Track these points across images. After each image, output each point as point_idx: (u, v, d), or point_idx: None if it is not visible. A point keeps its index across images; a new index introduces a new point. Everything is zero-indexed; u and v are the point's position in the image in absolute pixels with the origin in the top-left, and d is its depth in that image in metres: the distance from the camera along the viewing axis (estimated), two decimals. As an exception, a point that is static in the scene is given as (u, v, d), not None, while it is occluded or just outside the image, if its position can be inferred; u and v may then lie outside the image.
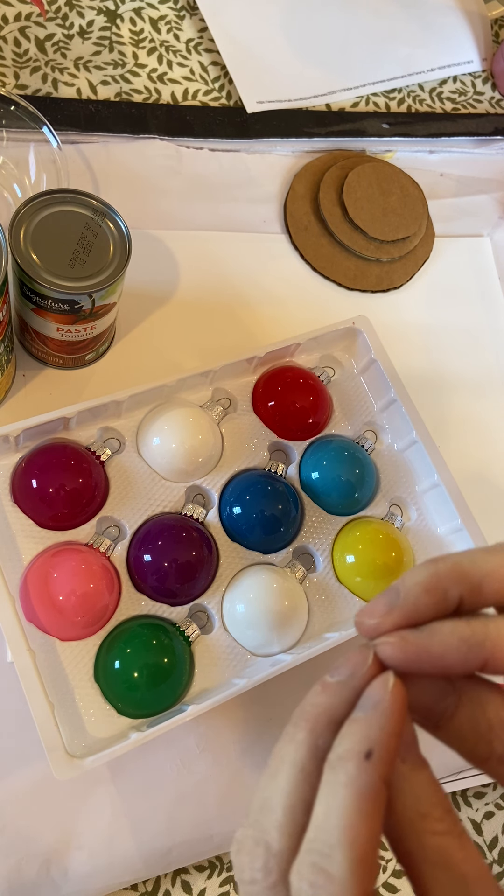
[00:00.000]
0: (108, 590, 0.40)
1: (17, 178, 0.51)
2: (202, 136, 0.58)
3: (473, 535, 0.44)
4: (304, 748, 0.19)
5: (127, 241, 0.41)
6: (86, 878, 0.40)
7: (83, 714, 0.38)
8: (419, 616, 0.21)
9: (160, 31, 0.61)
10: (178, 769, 0.42)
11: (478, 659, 0.20)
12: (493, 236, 0.62)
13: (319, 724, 0.20)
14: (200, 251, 0.55)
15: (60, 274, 0.39)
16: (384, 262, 0.57)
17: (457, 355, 0.57)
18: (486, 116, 0.66)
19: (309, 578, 0.44)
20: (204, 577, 0.42)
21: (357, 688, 0.20)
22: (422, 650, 0.20)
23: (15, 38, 0.58)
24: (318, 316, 0.54)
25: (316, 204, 0.57)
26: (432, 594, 0.21)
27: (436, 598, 0.21)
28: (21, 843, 0.39)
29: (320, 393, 0.48)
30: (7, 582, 0.38)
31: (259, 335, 0.53)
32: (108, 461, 0.44)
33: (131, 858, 0.40)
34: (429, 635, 0.20)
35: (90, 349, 0.47)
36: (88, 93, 0.57)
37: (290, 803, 0.19)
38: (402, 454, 0.48)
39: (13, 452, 0.42)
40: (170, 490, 0.44)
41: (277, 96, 0.61)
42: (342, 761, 0.18)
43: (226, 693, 0.38)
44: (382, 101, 0.64)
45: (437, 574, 0.21)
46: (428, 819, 0.19)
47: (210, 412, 0.46)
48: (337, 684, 0.20)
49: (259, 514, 0.43)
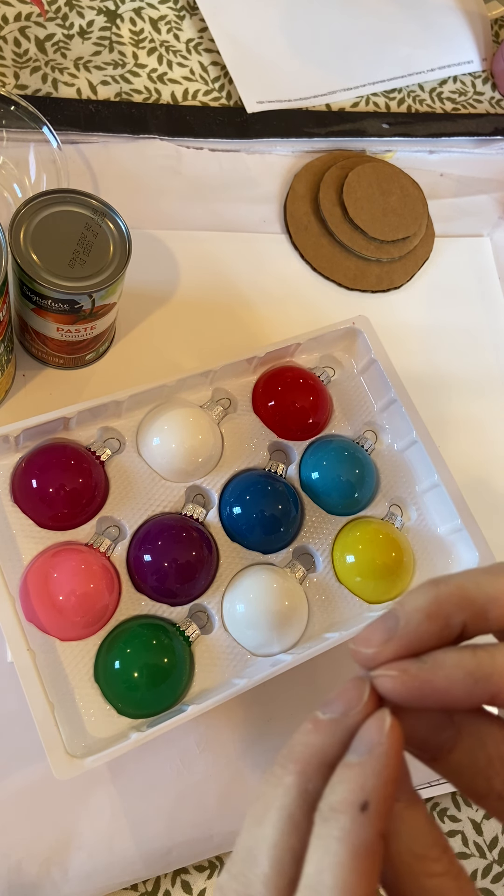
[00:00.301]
0: (108, 590, 0.40)
1: (17, 178, 0.51)
2: (202, 136, 0.58)
3: (473, 535, 0.44)
4: (294, 793, 0.18)
5: (127, 241, 0.41)
6: (86, 878, 0.40)
7: (83, 714, 0.38)
8: (421, 645, 0.19)
9: (160, 31, 0.61)
10: (178, 769, 0.42)
11: (485, 693, 0.18)
12: (493, 236, 0.62)
13: (310, 767, 0.18)
14: (200, 251, 0.55)
15: (60, 274, 0.39)
16: (384, 262, 0.57)
17: (457, 355, 0.57)
18: (486, 116, 0.66)
19: (309, 578, 0.44)
20: (204, 577, 0.42)
21: (352, 727, 0.18)
22: (425, 684, 0.18)
23: (15, 38, 0.58)
24: (318, 316, 0.54)
25: (316, 204, 0.57)
26: (434, 621, 0.19)
27: (438, 625, 0.19)
28: (21, 843, 0.39)
29: (320, 393, 0.48)
30: (7, 582, 0.38)
31: (259, 335, 0.53)
32: (108, 461, 0.44)
33: (131, 858, 0.40)
34: (432, 668, 0.19)
35: (90, 349, 0.47)
36: (88, 93, 0.57)
37: (277, 855, 0.17)
38: (402, 454, 0.48)
39: (13, 452, 0.42)
40: (170, 490, 0.44)
41: (277, 96, 0.61)
42: (335, 813, 0.17)
43: (226, 693, 0.38)
44: (382, 101, 0.64)
45: (440, 599, 0.19)
46: (425, 860, 0.18)
47: (210, 412, 0.46)
48: (329, 722, 0.19)
49: (259, 514, 0.43)
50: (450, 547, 0.46)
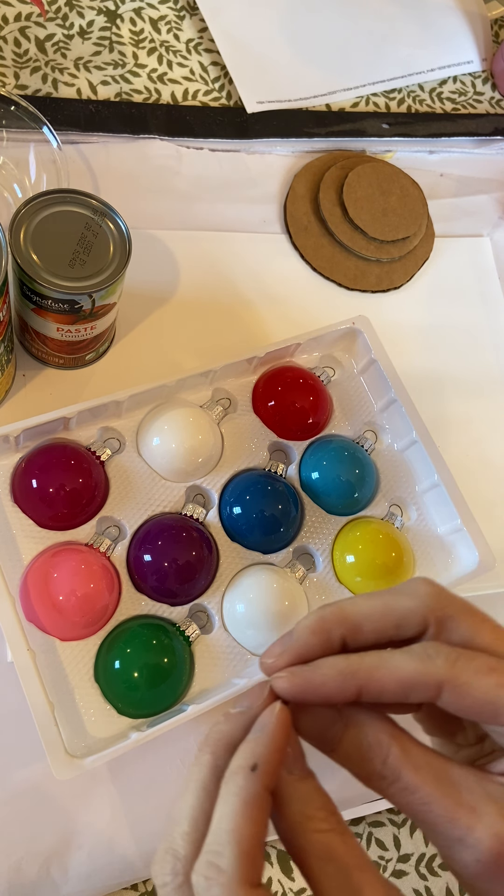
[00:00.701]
0: (108, 590, 0.40)
1: (17, 178, 0.51)
2: (202, 136, 0.58)
3: (473, 535, 0.44)
4: (207, 769, 0.22)
5: (127, 241, 0.41)
6: (86, 878, 0.40)
7: (83, 714, 0.38)
8: (308, 655, 0.24)
9: (160, 31, 0.61)
10: (178, 769, 0.42)
11: (353, 687, 0.23)
12: (493, 236, 0.62)
13: (220, 748, 0.23)
14: (200, 251, 0.55)
15: (60, 274, 0.39)
16: (384, 262, 0.57)
17: (457, 355, 0.57)
18: (486, 116, 0.66)
19: (309, 578, 0.44)
20: (204, 577, 0.42)
21: (253, 716, 0.23)
22: (306, 682, 0.23)
23: (15, 38, 0.58)
24: (318, 316, 0.54)
25: (316, 204, 0.57)
26: (318, 635, 0.24)
27: (321, 639, 0.24)
28: (21, 843, 0.39)
29: (320, 393, 0.48)
30: (7, 582, 0.38)
31: (259, 335, 0.53)
32: (108, 461, 0.44)
33: (131, 858, 0.40)
34: (312, 669, 0.23)
35: (90, 349, 0.47)
36: (88, 93, 0.57)
37: (193, 815, 0.22)
38: (402, 454, 0.48)
39: (13, 452, 0.42)
40: (170, 490, 0.44)
41: (277, 96, 0.61)
42: (233, 775, 0.22)
43: (226, 693, 0.38)
44: (382, 102, 0.64)
45: (323, 618, 0.24)
46: (313, 819, 0.22)
47: (210, 412, 0.46)
48: (237, 714, 0.24)
49: (259, 514, 0.43)
50: (450, 547, 0.46)
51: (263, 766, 0.21)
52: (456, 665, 0.23)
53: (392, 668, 0.23)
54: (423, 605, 0.24)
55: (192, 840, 0.21)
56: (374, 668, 0.23)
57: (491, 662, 0.23)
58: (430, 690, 0.23)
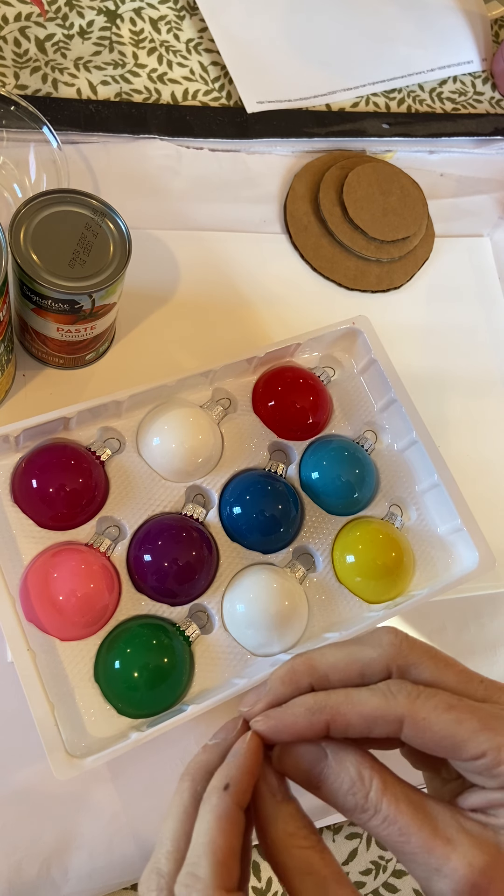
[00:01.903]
0: (108, 590, 0.40)
1: (17, 178, 0.51)
2: (202, 136, 0.58)
3: (473, 535, 0.44)
4: (187, 794, 0.25)
5: (127, 241, 0.41)
6: (86, 878, 0.40)
7: (83, 714, 0.38)
8: (280, 701, 0.26)
9: (160, 31, 0.61)
10: (178, 769, 0.42)
11: (320, 722, 0.25)
12: (493, 236, 0.62)
13: (198, 775, 0.25)
14: (200, 251, 0.55)
15: (60, 274, 0.39)
16: (384, 262, 0.57)
17: (457, 355, 0.57)
18: (486, 116, 0.66)
19: (309, 578, 0.44)
20: (204, 577, 0.42)
21: (227, 746, 0.26)
22: (279, 721, 0.25)
23: (15, 38, 0.58)
24: (318, 316, 0.54)
25: (316, 204, 0.57)
26: (288, 686, 0.26)
27: (292, 689, 0.26)
28: (21, 843, 0.39)
29: (320, 393, 0.48)
30: (7, 582, 0.38)
31: (259, 335, 0.53)
32: (108, 461, 0.44)
33: (131, 858, 0.40)
34: (283, 710, 0.26)
35: (90, 349, 0.47)
36: (88, 93, 0.57)
37: (175, 836, 0.24)
38: (402, 454, 0.48)
39: (13, 452, 0.42)
40: (170, 490, 0.44)
41: (277, 96, 0.61)
42: (208, 795, 0.24)
43: (226, 693, 0.38)
44: (382, 101, 0.64)
45: (293, 669, 0.27)
46: (295, 837, 0.24)
47: (210, 412, 0.46)
48: (213, 745, 0.26)
49: (259, 514, 0.43)
50: (450, 547, 0.46)
51: (235, 786, 0.24)
52: (416, 702, 0.24)
53: (355, 703, 0.25)
54: (384, 654, 0.26)
55: (174, 858, 0.23)
56: (340, 704, 0.25)
57: (451, 700, 0.24)
58: (392, 725, 0.24)
